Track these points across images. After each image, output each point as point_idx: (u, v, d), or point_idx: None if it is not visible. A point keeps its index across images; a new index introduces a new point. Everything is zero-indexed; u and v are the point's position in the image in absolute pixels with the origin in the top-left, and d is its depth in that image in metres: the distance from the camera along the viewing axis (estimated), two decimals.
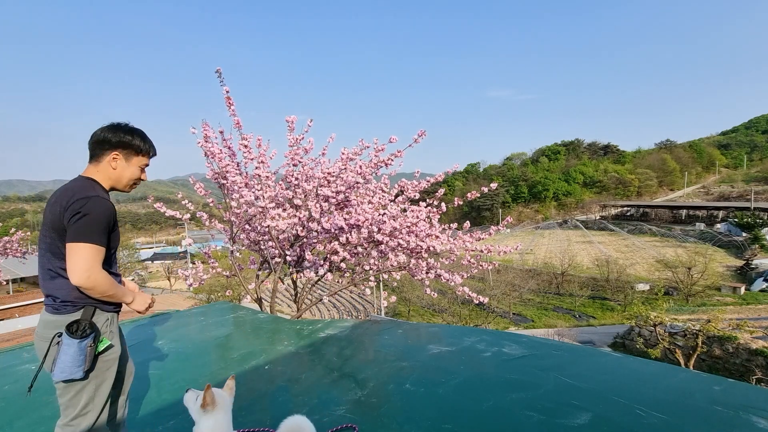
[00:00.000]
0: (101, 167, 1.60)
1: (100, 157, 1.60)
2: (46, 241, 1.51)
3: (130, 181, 1.68)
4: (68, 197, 1.46)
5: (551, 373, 2.87)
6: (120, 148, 1.61)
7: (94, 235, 1.45)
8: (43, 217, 1.56)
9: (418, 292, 31.28)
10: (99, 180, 1.59)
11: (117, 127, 1.61)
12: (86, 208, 1.44)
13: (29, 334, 5.14)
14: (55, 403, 2.64)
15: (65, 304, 1.49)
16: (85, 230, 1.43)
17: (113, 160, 1.60)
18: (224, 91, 4.84)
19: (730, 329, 16.79)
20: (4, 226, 15.03)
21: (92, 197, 1.48)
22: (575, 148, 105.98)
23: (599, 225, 67.31)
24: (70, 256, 1.43)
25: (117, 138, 1.59)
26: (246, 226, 5.55)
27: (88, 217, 1.44)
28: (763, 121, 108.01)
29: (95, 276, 1.45)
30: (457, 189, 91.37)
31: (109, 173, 1.61)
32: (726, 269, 36.76)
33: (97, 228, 1.46)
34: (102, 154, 1.59)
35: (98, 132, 1.60)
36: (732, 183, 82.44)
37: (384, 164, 5.33)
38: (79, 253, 1.42)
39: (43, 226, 1.54)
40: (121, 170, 1.62)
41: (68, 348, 1.43)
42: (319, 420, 2.31)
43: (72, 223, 1.43)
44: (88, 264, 1.43)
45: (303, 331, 4.12)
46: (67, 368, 1.43)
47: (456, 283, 5.30)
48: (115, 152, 1.60)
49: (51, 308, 1.50)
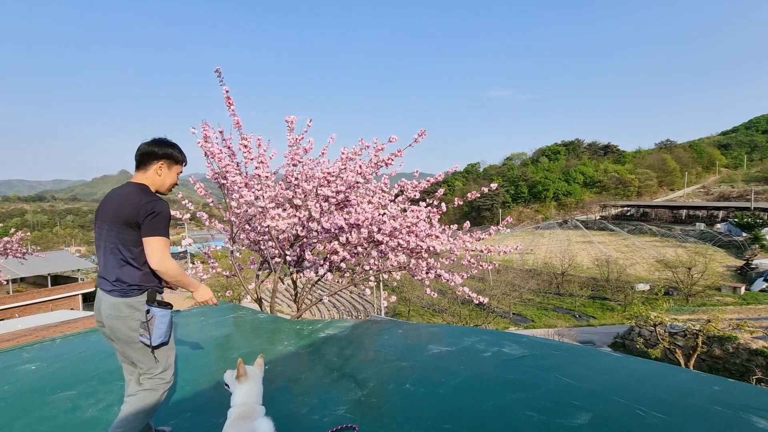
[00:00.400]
0: (148, 174, 1.91)
1: (147, 166, 1.91)
2: (113, 236, 1.78)
3: (171, 186, 2.02)
4: (137, 200, 1.78)
5: (551, 373, 2.87)
6: (164, 159, 1.92)
7: (163, 229, 1.79)
8: (101, 215, 1.84)
9: (418, 292, 31.27)
10: (148, 185, 1.90)
11: (161, 142, 1.94)
12: (157, 208, 1.78)
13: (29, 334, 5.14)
14: (54, 403, 2.65)
15: (132, 287, 1.78)
16: (158, 226, 1.77)
17: (159, 168, 1.92)
18: (224, 90, 4.84)
19: (730, 329, 16.78)
20: (4, 226, 15.03)
21: (157, 200, 1.83)
22: (575, 148, 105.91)
23: (599, 225, 67.30)
24: (149, 247, 1.76)
25: (162, 150, 1.91)
26: (246, 226, 5.55)
27: (160, 215, 1.78)
28: (763, 121, 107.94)
29: (168, 262, 1.79)
30: (457, 189, 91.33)
31: (155, 179, 1.92)
32: (726, 269, 36.75)
33: (166, 224, 1.81)
34: (149, 163, 1.91)
35: (145, 146, 1.91)
36: (732, 183, 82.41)
37: (384, 164, 5.32)
38: (155, 245, 1.76)
39: (104, 223, 1.81)
40: (164, 177, 1.95)
41: (163, 318, 1.80)
42: (319, 420, 2.31)
43: (147, 220, 1.75)
44: (162, 252, 1.77)
45: (303, 331, 4.12)
46: (163, 334, 1.81)
47: (456, 283, 5.30)
48: (161, 162, 1.92)
49: (118, 292, 1.77)
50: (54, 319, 12.86)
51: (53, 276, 34.31)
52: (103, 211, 1.85)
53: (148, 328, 1.77)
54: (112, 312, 1.78)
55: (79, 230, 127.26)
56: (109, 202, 1.85)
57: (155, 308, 1.79)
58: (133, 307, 1.77)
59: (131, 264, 1.78)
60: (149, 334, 1.77)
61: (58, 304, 27.91)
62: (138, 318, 1.77)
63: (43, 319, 14.00)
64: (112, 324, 1.78)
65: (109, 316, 1.78)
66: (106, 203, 1.85)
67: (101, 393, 2.77)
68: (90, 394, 2.75)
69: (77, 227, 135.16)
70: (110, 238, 1.79)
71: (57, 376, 3.12)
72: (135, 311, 1.77)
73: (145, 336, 1.77)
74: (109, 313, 1.78)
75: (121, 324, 1.77)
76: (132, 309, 1.77)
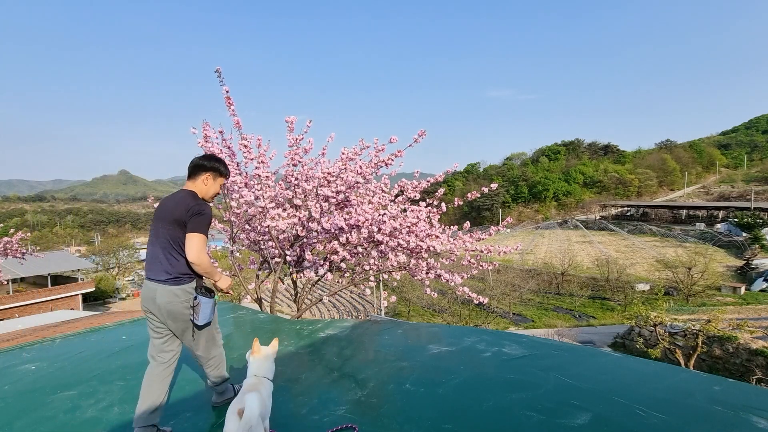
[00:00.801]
0: (197, 184, 2.28)
1: (196, 177, 2.27)
2: (167, 233, 2.12)
3: (214, 194, 2.38)
4: (189, 203, 2.14)
5: (551, 373, 2.87)
6: (211, 171, 2.30)
7: (204, 229, 2.14)
8: (159, 215, 2.18)
9: (418, 292, 31.27)
10: (196, 192, 2.26)
11: (210, 157, 2.32)
12: (202, 210, 2.14)
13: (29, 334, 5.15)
14: (54, 403, 2.65)
15: (185, 276, 2.14)
16: (200, 225, 2.12)
17: (206, 179, 2.29)
18: (224, 90, 4.84)
19: (730, 329, 16.77)
20: (4, 226, 15.02)
21: (203, 204, 2.20)
22: (575, 148, 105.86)
23: (599, 225, 67.27)
24: (189, 242, 2.09)
25: (210, 164, 2.29)
26: (246, 226, 5.55)
27: (203, 216, 2.14)
28: (763, 121, 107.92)
29: (203, 257, 2.11)
30: (457, 189, 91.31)
31: (201, 188, 2.29)
32: (726, 269, 36.73)
33: (206, 224, 2.16)
34: (198, 174, 2.28)
35: (196, 160, 2.30)
36: (732, 183, 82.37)
37: (384, 164, 5.32)
38: (195, 241, 2.09)
39: (160, 221, 2.15)
40: (209, 187, 2.31)
41: (207, 304, 2.16)
42: (319, 420, 2.32)
43: (193, 220, 2.10)
44: (200, 248, 2.10)
45: (303, 331, 4.12)
46: (207, 316, 2.16)
47: (456, 283, 5.30)
48: (208, 174, 2.29)
49: (171, 281, 2.11)
50: (54, 319, 12.85)
51: (53, 276, 34.29)
52: (161, 211, 2.19)
53: (196, 311, 2.13)
54: (169, 298, 2.11)
55: (79, 230, 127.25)
56: (166, 204, 2.20)
57: (201, 296, 2.15)
58: (187, 292, 2.15)
59: (183, 256, 2.13)
60: (197, 316, 2.13)
61: (58, 304, 27.91)
62: (190, 301, 2.15)
63: (43, 319, 14.00)
64: (171, 308, 2.12)
65: (168, 302, 2.11)
66: (164, 205, 2.20)
67: (101, 393, 2.77)
68: (90, 394, 2.75)
69: (77, 227, 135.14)
70: (165, 235, 2.13)
71: (57, 376, 3.12)
72: (189, 295, 2.15)
73: (195, 317, 2.13)
74: (168, 300, 2.11)
75: (179, 306, 2.12)
76: (186, 293, 2.14)
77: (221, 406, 2.47)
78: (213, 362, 2.33)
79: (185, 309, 2.14)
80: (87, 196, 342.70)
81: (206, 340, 2.28)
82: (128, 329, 4.53)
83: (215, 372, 2.35)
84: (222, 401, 2.48)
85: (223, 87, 4.82)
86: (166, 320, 2.15)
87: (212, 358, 2.32)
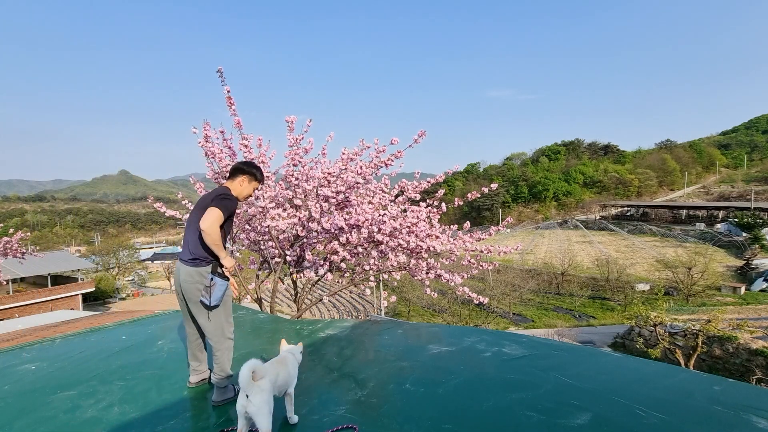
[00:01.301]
0: (234, 184, 2.57)
1: (234, 178, 2.58)
2: (196, 219, 2.35)
3: (247, 196, 2.65)
4: (219, 191, 2.46)
5: (551, 373, 2.87)
6: (247, 175, 2.59)
7: (224, 208, 2.34)
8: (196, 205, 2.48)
9: (418, 292, 31.26)
10: (231, 189, 2.54)
11: (250, 164, 2.63)
12: (227, 195, 2.44)
13: (29, 334, 5.14)
14: (54, 403, 2.65)
15: (203, 260, 2.38)
16: (221, 204, 2.34)
17: (242, 181, 2.58)
18: (225, 90, 4.85)
19: (730, 329, 16.76)
20: (4, 226, 15.02)
21: (229, 192, 2.49)
22: (575, 148, 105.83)
23: (599, 225, 67.26)
24: (207, 213, 2.29)
25: (247, 169, 2.59)
26: (246, 226, 5.55)
27: (226, 200, 2.39)
28: (763, 121, 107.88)
29: (214, 228, 2.27)
30: (457, 189, 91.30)
31: (237, 188, 2.57)
32: (726, 269, 36.72)
33: (227, 205, 2.37)
34: (236, 176, 2.58)
35: (237, 164, 2.61)
36: (732, 183, 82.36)
37: (384, 165, 5.32)
38: (211, 212, 2.29)
39: (195, 210, 2.44)
40: (244, 188, 2.59)
41: (221, 286, 2.39)
42: (319, 420, 2.32)
43: (216, 199, 2.36)
44: (214, 220, 2.28)
45: (303, 331, 4.12)
46: (218, 298, 2.38)
47: (456, 283, 5.30)
48: (244, 176, 2.58)
49: (192, 262, 2.38)
50: (54, 319, 12.84)
51: (53, 276, 34.28)
52: (199, 202, 2.48)
53: (209, 292, 2.34)
54: (187, 278, 2.38)
55: (79, 230, 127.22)
56: (204, 196, 2.51)
57: (217, 278, 2.37)
58: (201, 275, 2.37)
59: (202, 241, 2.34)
60: (209, 296, 2.34)
61: (58, 304, 27.90)
62: (204, 283, 2.36)
63: (43, 319, 13.99)
64: (186, 287, 2.39)
65: (185, 281, 2.39)
66: (202, 197, 2.51)
67: (101, 393, 2.77)
68: (90, 394, 2.75)
69: (77, 227, 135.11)
70: (195, 221, 2.37)
71: (57, 376, 3.12)
72: (203, 278, 2.37)
73: (206, 298, 2.34)
74: (185, 278, 2.39)
75: (192, 286, 2.37)
76: (201, 276, 2.37)
77: (221, 406, 2.47)
78: (220, 353, 2.43)
79: (197, 290, 2.35)
80: (87, 196, 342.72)
81: (216, 327, 2.43)
82: (128, 329, 4.52)
83: (219, 365, 2.44)
84: (222, 401, 2.49)
85: (224, 87, 4.82)
86: (182, 295, 2.42)
87: (220, 349, 2.44)
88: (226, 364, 2.46)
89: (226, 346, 2.47)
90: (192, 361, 2.70)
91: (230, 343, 2.51)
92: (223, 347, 2.45)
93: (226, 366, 2.46)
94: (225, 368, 2.46)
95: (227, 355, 2.47)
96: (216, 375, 2.47)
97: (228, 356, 2.48)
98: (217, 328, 2.44)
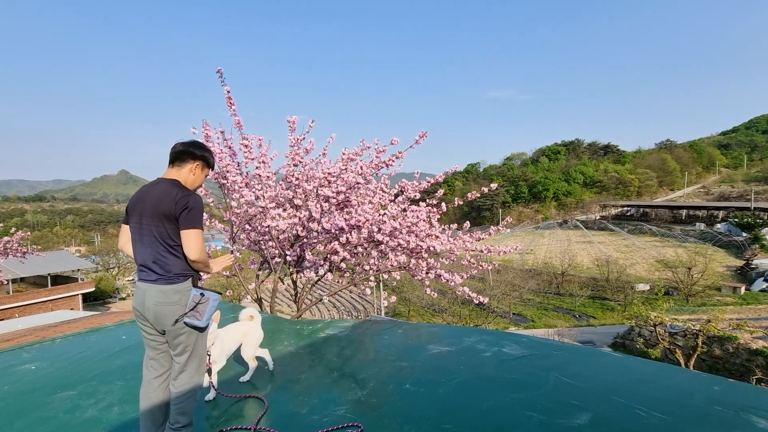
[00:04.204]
0: (182, 172, 2.03)
1: (183, 164, 2.04)
2: (154, 230, 1.90)
3: (198, 186, 2.14)
4: (173, 195, 1.90)
5: (551, 373, 2.87)
6: (200, 161, 2.08)
7: (199, 222, 1.93)
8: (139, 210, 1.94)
9: (418, 292, 31.24)
10: (180, 181, 2.01)
11: (200, 145, 2.09)
12: (191, 203, 1.90)
13: (29, 334, 5.14)
14: (54, 403, 2.65)
15: (178, 276, 1.91)
16: (194, 219, 1.90)
17: (194, 168, 2.06)
18: (225, 90, 4.85)
19: (730, 329, 16.77)
20: (4, 226, 15.02)
21: (191, 194, 1.94)
22: (575, 148, 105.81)
23: (599, 225, 67.23)
24: (186, 239, 1.88)
25: (200, 153, 2.07)
26: (246, 226, 5.55)
27: (195, 209, 1.91)
28: (763, 121, 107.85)
29: (203, 253, 1.92)
30: (457, 189, 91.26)
31: (187, 177, 2.05)
32: (726, 269, 36.71)
33: (200, 216, 1.94)
34: (185, 162, 2.04)
35: (183, 145, 2.05)
36: (732, 183, 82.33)
37: (385, 165, 5.32)
38: (192, 237, 1.89)
39: (144, 218, 1.92)
40: (196, 177, 2.09)
41: (215, 302, 1.96)
42: (320, 420, 2.32)
43: (184, 215, 1.88)
44: (199, 245, 1.90)
45: (303, 331, 4.12)
46: (210, 316, 1.96)
47: (456, 283, 5.30)
48: (197, 163, 2.07)
49: (164, 280, 1.89)
50: (54, 319, 12.84)
51: (53, 276, 34.28)
52: (140, 206, 1.94)
53: (199, 311, 1.91)
54: (160, 299, 1.89)
55: (79, 230, 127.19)
56: (146, 197, 1.95)
57: (209, 292, 1.95)
58: (180, 293, 1.91)
59: (174, 254, 1.92)
60: (201, 315, 1.91)
61: (58, 304, 27.89)
62: (184, 303, 1.91)
63: (43, 319, 13.99)
64: (161, 310, 1.89)
65: (158, 303, 1.89)
66: (143, 199, 1.95)
67: (101, 393, 2.77)
68: (90, 394, 2.75)
69: (77, 227, 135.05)
70: (152, 231, 1.91)
71: (57, 376, 3.12)
72: (182, 296, 1.91)
73: (194, 318, 1.90)
74: (158, 301, 1.89)
75: (170, 309, 1.89)
76: (179, 294, 1.91)
77: (222, 407, 2.47)
78: (190, 395, 1.95)
79: (176, 313, 1.89)
80: (87, 196, 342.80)
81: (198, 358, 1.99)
82: (128, 329, 4.52)
83: (184, 406, 1.93)
84: None
85: (224, 87, 4.82)
86: (154, 324, 1.92)
87: (191, 390, 1.96)
88: (191, 408, 1.97)
89: (198, 386, 2.00)
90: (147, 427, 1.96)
91: (201, 384, 2.04)
92: (195, 387, 1.98)
93: (190, 410, 1.96)
94: (189, 414, 1.96)
95: (194, 398, 1.99)
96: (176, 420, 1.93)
97: (194, 400, 1.99)
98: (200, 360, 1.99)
